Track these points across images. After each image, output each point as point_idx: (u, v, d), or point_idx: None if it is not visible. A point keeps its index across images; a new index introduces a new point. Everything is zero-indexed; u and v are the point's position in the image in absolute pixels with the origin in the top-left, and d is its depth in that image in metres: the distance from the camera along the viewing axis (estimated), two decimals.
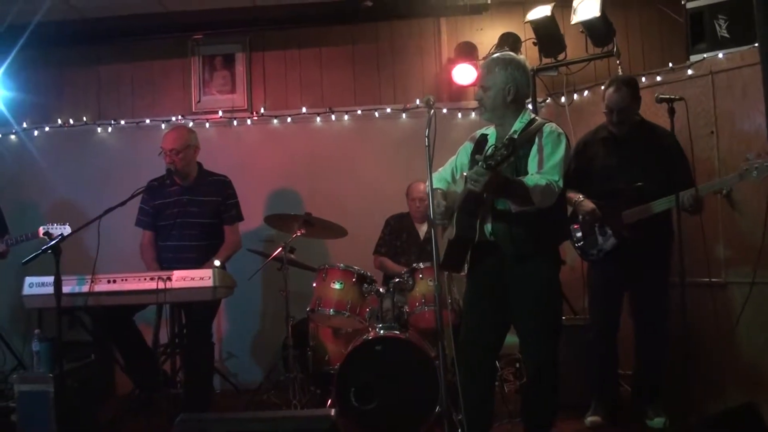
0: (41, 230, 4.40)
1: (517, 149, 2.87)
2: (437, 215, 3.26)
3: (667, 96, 3.78)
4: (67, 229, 4.31)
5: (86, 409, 4.16)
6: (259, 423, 2.94)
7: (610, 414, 4.18)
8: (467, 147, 3.47)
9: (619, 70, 5.00)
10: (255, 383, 5.43)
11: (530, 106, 5.43)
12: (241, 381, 5.53)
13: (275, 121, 5.87)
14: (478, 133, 3.48)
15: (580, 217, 4.09)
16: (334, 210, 5.03)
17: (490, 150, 2.90)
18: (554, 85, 5.61)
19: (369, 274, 4.52)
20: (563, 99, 5.50)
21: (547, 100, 5.68)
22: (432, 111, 3.10)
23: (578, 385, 4.20)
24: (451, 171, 3.51)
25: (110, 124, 5.97)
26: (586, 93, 5.42)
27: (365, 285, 4.43)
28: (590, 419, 4.16)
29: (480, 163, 2.87)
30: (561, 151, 3.14)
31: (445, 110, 5.64)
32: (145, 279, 3.85)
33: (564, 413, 3.92)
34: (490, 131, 3.40)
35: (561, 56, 5.24)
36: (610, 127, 4.09)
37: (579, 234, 4.17)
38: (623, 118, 4.01)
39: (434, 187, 3.41)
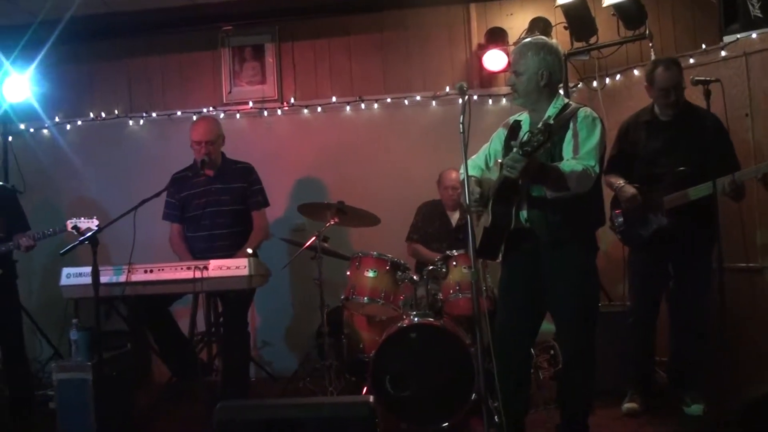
0: (69, 224, 4.43)
1: (553, 135, 2.86)
2: (472, 202, 3.23)
3: (703, 78, 3.74)
4: (95, 223, 4.34)
5: (124, 396, 4.22)
6: (298, 409, 2.94)
7: (647, 401, 4.15)
8: (501, 133, 3.46)
9: (652, 53, 4.93)
10: (289, 371, 5.46)
11: (561, 92, 5.41)
12: (275, 369, 5.60)
13: (305, 110, 5.88)
14: (512, 119, 3.45)
15: (622, 203, 4.05)
16: (366, 198, 5.03)
17: (525, 136, 2.86)
18: (586, 69, 5.57)
19: (402, 261, 4.52)
20: (595, 83, 5.46)
21: (579, 85, 5.64)
22: (466, 97, 3.09)
23: (615, 372, 4.17)
24: (484, 158, 3.50)
25: (142, 117, 6.03)
26: (618, 77, 5.36)
27: (399, 273, 4.43)
28: (627, 406, 4.13)
29: (515, 149, 2.87)
30: (596, 136, 3.12)
31: (475, 97, 5.60)
32: (181, 268, 3.89)
33: (600, 400, 3.93)
34: (524, 117, 3.38)
35: (592, 40, 5.20)
36: (664, 109, 4.00)
37: (620, 219, 4.13)
38: (680, 96, 3.95)
39: (469, 174, 3.43)
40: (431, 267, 4.41)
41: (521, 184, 3.14)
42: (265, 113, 5.91)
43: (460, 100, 5.45)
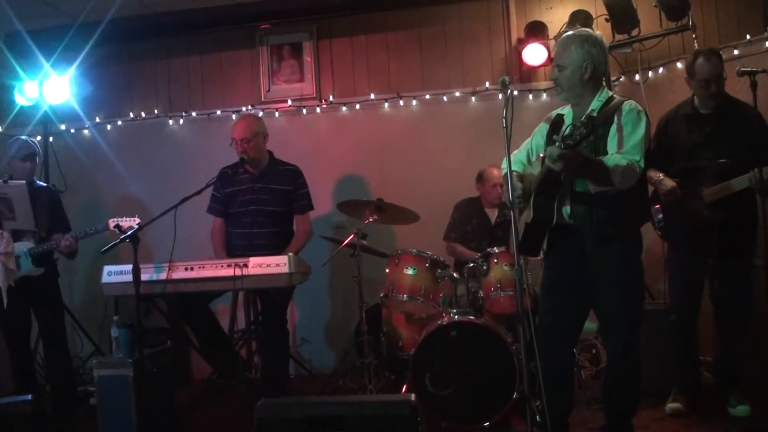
0: (111, 223, 4.48)
1: (596, 128, 2.82)
2: (515, 198, 3.20)
3: (749, 69, 3.64)
4: (136, 222, 4.38)
5: (164, 393, 4.25)
6: (339, 407, 2.93)
7: (692, 401, 4.07)
8: (543, 128, 3.41)
9: (695, 45, 4.83)
10: (329, 369, 5.49)
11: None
12: (314, 366, 5.61)
13: (344, 108, 5.87)
14: (554, 113, 3.41)
15: (661, 196, 3.97)
16: (404, 196, 5.00)
17: (567, 129, 2.82)
18: (628, 62, 5.48)
19: (442, 259, 4.49)
20: (637, 77, 5.37)
21: (621, 79, 5.55)
22: (509, 92, 3.05)
23: (658, 372, 4.08)
24: (526, 153, 3.46)
25: (181, 116, 6.09)
26: (661, 70, 5.27)
27: (438, 270, 4.41)
28: (671, 406, 4.05)
29: (558, 143, 2.81)
30: (641, 130, 3.05)
31: (515, 92, 5.49)
32: (222, 266, 3.89)
33: (643, 400, 3.84)
34: (567, 111, 3.33)
35: (634, 32, 5.11)
36: (705, 101, 3.92)
37: (660, 215, 4.05)
38: (720, 87, 3.87)
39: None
40: (472, 264, 4.36)
41: (564, 179, 3.10)
42: (304, 111, 5.92)
43: (501, 96, 5.47)
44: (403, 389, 4.25)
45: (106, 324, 5.46)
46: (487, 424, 3.92)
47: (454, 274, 4.41)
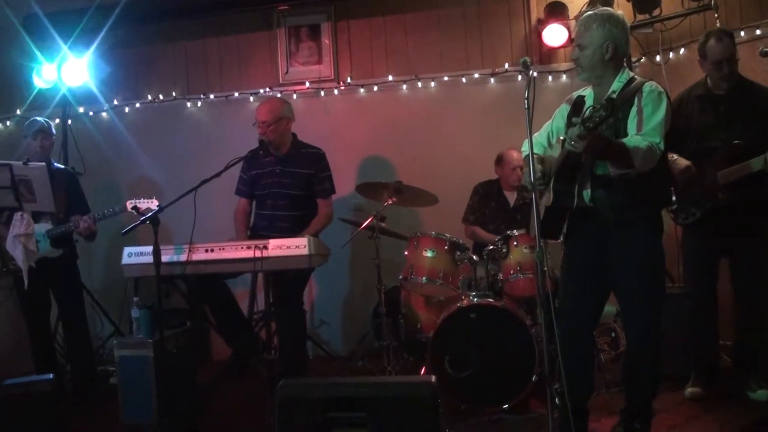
0: (129, 204, 4.49)
1: (616, 110, 2.78)
2: (536, 181, 3.14)
3: None
4: (154, 203, 4.39)
5: (184, 373, 4.29)
6: (360, 388, 2.93)
7: (711, 386, 4.04)
8: (563, 110, 3.37)
9: (717, 25, 4.76)
10: (346, 350, 5.51)
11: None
12: (332, 348, 5.63)
13: (362, 90, 5.85)
14: (575, 94, 3.37)
15: (675, 176, 3.93)
16: (423, 178, 4.98)
17: (588, 111, 2.77)
18: (649, 43, 5.39)
19: (461, 241, 4.47)
20: (659, 57, 5.29)
21: (642, 60, 5.47)
22: (531, 73, 3.01)
23: (677, 356, 4.05)
24: (547, 135, 3.42)
25: (199, 99, 6.08)
26: (682, 50, 5.20)
27: (458, 253, 4.39)
28: (690, 390, 4.03)
29: (578, 125, 2.78)
30: (662, 112, 3.00)
31: (535, 73, 5.41)
32: (242, 248, 3.89)
33: (663, 384, 3.78)
34: (587, 92, 3.29)
35: (656, 12, 5.03)
36: (718, 82, 3.88)
37: (673, 197, 4.01)
38: (733, 68, 3.82)
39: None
40: (491, 247, 4.34)
41: (584, 162, 3.07)
42: (322, 93, 5.90)
43: (520, 77, 5.46)
44: (422, 371, 4.25)
45: (126, 305, 5.49)
46: (506, 406, 3.92)
47: (474, 257, 4.39)
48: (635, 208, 3.08)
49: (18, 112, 6.23)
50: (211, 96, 6.05)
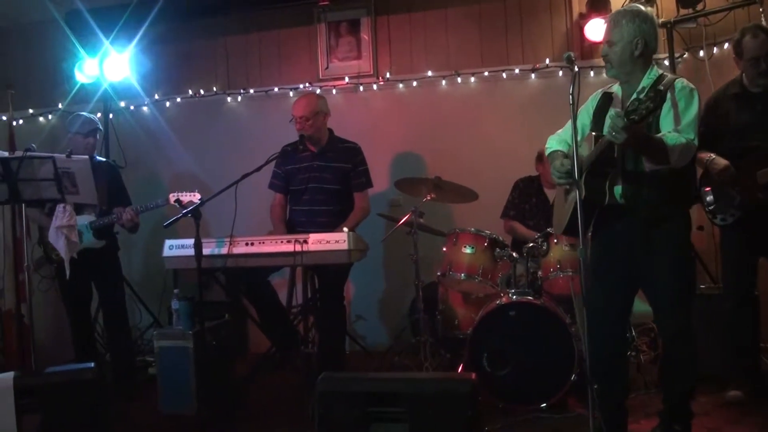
0: (172, 197, 4.54)
1: (663, 102, 2.76)
2: (563, 176, 3.19)
3: None
4: (196, 197, 4.43)
5: (223, 365, 4.34)
6: (400, 383, 2.93)
7: (752, 389, 3.95)
8: (589, 107, 3.38)
9: (762, 19, 4.65)
10: (382, 346, 5.50)
11: (666, 62, 5.19)
12: (368, 343, 5.62)
13: (401, 85, 5.83)
14: (601, 91, 3.35)
15: (713, 176, 3.86)
16: (461, 174, 4.92)
17: (632, 103, 2.75)
18: (692, 38, 5.30)
19: (501, 238, 4.45)
20: (702, 53, 5.20)
21: (685, 55, 5.38)
22: (576, 68, 2.98)
23: (716, 358, 4.00)
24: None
25: (239, 94, 6.12)
26: (726, 45, 5.07)
27: (497, 249, 4.38)
28: (731, 394, 3.95)
29: (621, 117, 2.76)
30: (695, 108, 3.01)
31: (576, 68, 5.38)
32: (282, 242, 3.91)
33: (703, 387, 3.80)
34: (616, 89, 3.28)
35: (699, 6, 4.94)
36: (755, 80, 3.79)
37: (710, 197, 3.94)
38: None
39: (555, 149, 3.39)
40: (531, 244, 4.31)
41: (616, 158, 3.05)
42: (361, 88, 5.89)
43: (561, 73, 5.40)
44: (460, 368, 4.23)
45: (165, 296, 5.59)
46: (544, 405, 3.90)
47: (513, 254, 4.36)
48: (666, 205, 3.08)
49: (60, 106, 6.33)
50: (251, 91, 6.07)
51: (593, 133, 3.11)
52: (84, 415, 3.35)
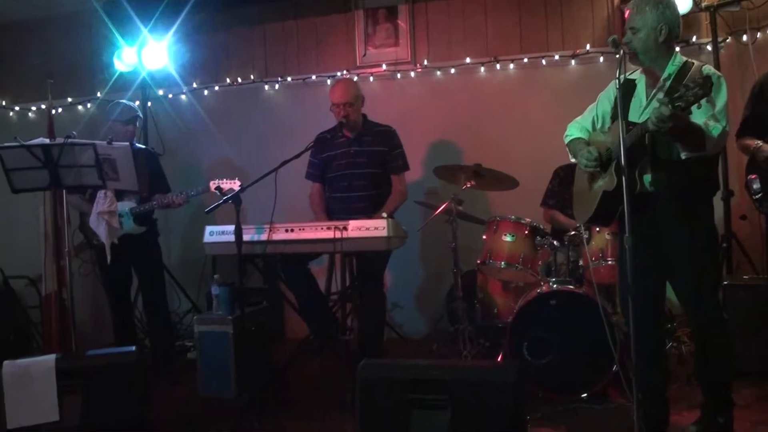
0: (212, 184, 4.57)
1: (712, 88, 2.70)
2: (591, 163, 3.20)
3: None
4: (236, 184, 4.46)
5: (261, 350, 4.37)
6: (442, 371, 2.91)
7: None
8: (609, 94, 3.37)
9: None
10: (420, 334, 5.50)
11: (709, 47, 5.09)
12: (405, 331, 5.61)
13: (438, 72, 5.79)
14: (622, 77, 3.28)
15: (761, 163, 3.77)
16: (500, 162, 4.86)
17: (678, 91, 2.71)
18: (735, 22, 5.18)
19: (542, 226, 4.41)
20: (745, 37, 5.09)
21: (728, 40, 5.25)
22: (621, 51, 2.95)
23: (762, 350, 3.93)
24: (591, 120, 3.44)
25: (277, 81, 6.13)
26: None
27: (538, 238, 4.34)
28: None
29: (666, 104, 2.71)
30: (724, 95, 2.98)
31: (622, 52, 5.28)
32: (321, 228, 3.90)
33: (746, 379, 3.75)
34: (637, 76, 3.25)
35: None
36: None
37: (757, 185, 3.85)
38: None
39: (576, 136, 3.43)
40: (573, 233, 4.25)
41: (646, 146, 3.02)
42: (398, 76, 5.86)
43: (602, 59, 5.32)
44: (499, 357, 4.20)
45: (203, 282, 5.64)
46: (585, 395, 3.86)
47: (555, 242, 4.31)
48: (694, 193, 3.08)
49: (99, 94, 6.38)
50: (289, 79, 6.08)
51: (627, 121, 3.07)
52: (124, 397, 3.42)
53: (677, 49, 3.18)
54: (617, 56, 2.93)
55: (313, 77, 6.00)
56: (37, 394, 3.34)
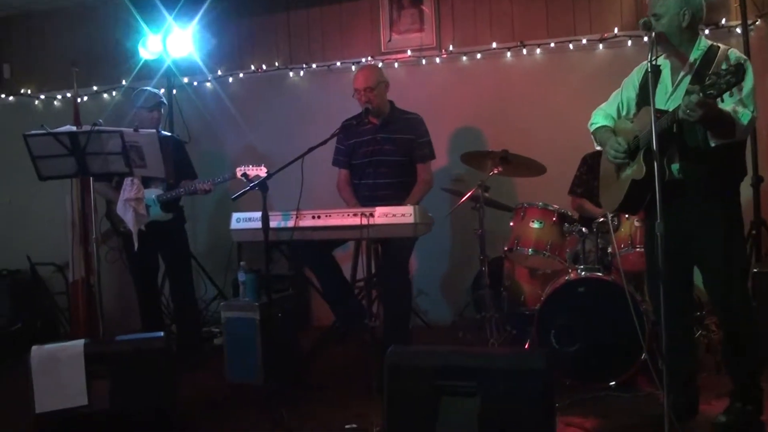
0: (239, 171, 4.58)
1: (745, 76, 2.67)
2: (620, 155, 3.18)
3: None
4: (263, 171, 4.46)
5: (288, 337, 4.38)
6: (470, 358, 2.90)
7: None
8: (634, 80, 3.35)
9: None
10: (445, 321, 5.48)
11: (739, 30, 4.99)
12: (431, 318, 5.60)
13: (464, 58, 5.73)
14: (646, 63, 3.24)
15: None
16: (526, 148, 4.80)
17: (710, 78, 2.68)
18: (765, 4, 5.08)
19: (570, 213, 4.36)
20: None
21: (758, 22, 5.13)
22: (653, 34, 2.93)
23: None
24: (617, 107, 3.43)
25: (301, 68, 6.12)
26: None
27: (566, 224, 4.30)
28: None
29: (697, 92, 2.69)
30: (751, 80, 2.93)
31: (645, 38, 5.20)
32: (348, 215, 3.89)
33: None
34: (662, 62, 3.20)
35: None
36: None
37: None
38: None
39: (601, 124, 3.42)
40: (602, 219, 4.20)
41: (675, 134, 2.99)
42: (423, 62, 5.82)
43: (630, 42, 5.24)
44: (527, 345, 4.17)
45: (229, 269, 5.67)
46: (613, 384, 3.82)
47: (583, 229, 4.26)
48: (721, 180, 3.07)
49: (124, 83, 6.42)
50: (313, 65, 6.07)
51: (652, 108, 3.04)
52: (152, 382, 3.45)
53: (706, 32, 3.13)
54: (646, 39, 2.89)
55: (338, 64, 5.98)
56: (66, 378, 3.37)
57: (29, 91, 6.73)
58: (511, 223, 4.44)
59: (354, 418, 3.58)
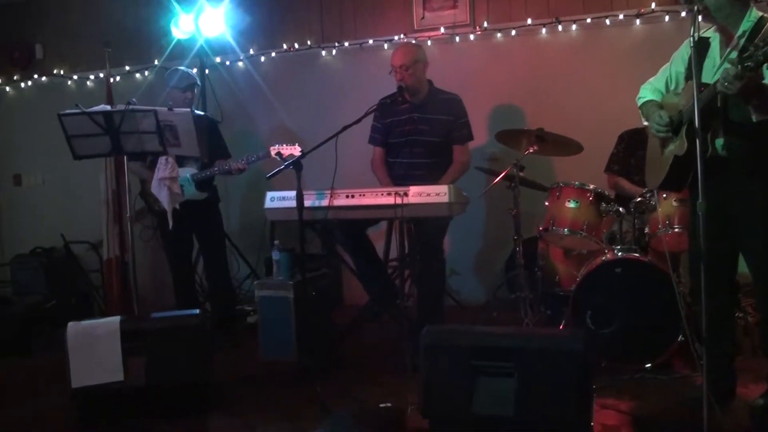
0: (273, 150, 4.59)
1: None
2: (663, 128, 3.12)
3: None
4: (297, 150, 4.46)
5: (321, 315, 4.40)
6: (506, 338, 2.88)
7: None
8: (683, 53, 3.24)
9: None
10: (478, 301, 5.45)
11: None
12: (463, 298, 5.57)
13: (498, 35, 5.65)
14: (696, 36, 3.15)
15: None
16: (562, 126, 4.73)
17: (748, 50, 2.60)
18: None
19: (607, 193, 4.29)
20: None
21: None
22: (695, 8, 2.84)
23: None
24: (665, 81, 3.33)
25: (334, 47, 6.08)
26: None
27: (602, 204, 4.22)
28: None
29: (735, 64, 2.62)
30: None
31: (683, 13, 5.10)
32: (382, 194, 3.87)
33: None
34: (711, 34, 3.11)
35: None
36: None
37: None
38: None
39: (649, 98, 3.33)
40: (639, 199, 4.14)
41: (719, 108, 2.90)
42: (457, 39, 5.74)
43: (667, 18, 5.11)
44: (561, 325, 4.14)
45: (262, 248, 5.70)
46: (649, 365, 3.78)
47: (620, 209, 4.20)
48: (766, 156, 2.98)
49: (156, 62, 6.42)
50: (346, 44, 6.02)
51: (694, 82, 2.96)
52: (187, 358, 3.49)
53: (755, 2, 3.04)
54: (685, 13, 2.81)
55: (370, 42, 5.92)
56: (102, 354, 3.42)
57: (62, 72, 6.77)
58: (547, 203, 4.38)
59: (388, 397, 3.58)
